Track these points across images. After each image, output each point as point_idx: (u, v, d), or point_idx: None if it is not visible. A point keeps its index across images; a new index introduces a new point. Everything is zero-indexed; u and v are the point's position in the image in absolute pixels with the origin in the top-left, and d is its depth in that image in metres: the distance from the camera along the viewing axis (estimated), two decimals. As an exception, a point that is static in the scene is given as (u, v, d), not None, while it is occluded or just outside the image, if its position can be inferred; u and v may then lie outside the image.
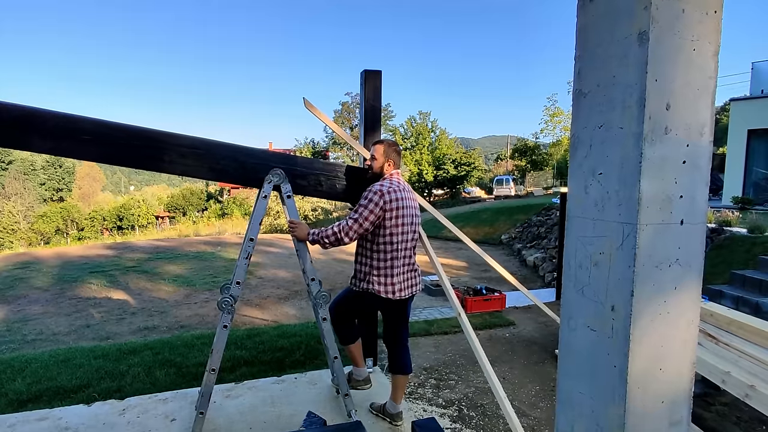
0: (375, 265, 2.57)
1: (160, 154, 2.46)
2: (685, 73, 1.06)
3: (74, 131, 2.30)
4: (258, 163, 2.63)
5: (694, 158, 1.10)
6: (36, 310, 7.16)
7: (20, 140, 2.24)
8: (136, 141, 2.41)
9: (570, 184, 1.29)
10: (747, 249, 6.61)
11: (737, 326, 3.15)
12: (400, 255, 2.59)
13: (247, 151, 2.64)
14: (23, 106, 2.22)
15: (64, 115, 2.29)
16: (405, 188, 2.65)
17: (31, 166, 42.88)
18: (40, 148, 2.30)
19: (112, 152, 2.39)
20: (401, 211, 2.54)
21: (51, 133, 2.26)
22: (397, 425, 2.73)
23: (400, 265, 2.60)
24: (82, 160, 2.56)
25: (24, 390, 3.38)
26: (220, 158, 2.58)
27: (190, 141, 2.52)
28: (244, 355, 4.07)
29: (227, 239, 15.32)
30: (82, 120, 2.33)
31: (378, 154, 2.66)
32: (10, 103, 2.21)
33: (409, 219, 2.60)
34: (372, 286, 2.57)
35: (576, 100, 1.25)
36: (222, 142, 2.61)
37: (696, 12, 1.05)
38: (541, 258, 10.39)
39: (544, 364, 4.18)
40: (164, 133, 2.49)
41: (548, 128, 28.99)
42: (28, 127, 2.23)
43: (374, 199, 2.47)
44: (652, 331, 1.10)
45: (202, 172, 2.60)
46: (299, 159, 2.83)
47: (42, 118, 2.24)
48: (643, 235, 1.07)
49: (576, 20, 1.24)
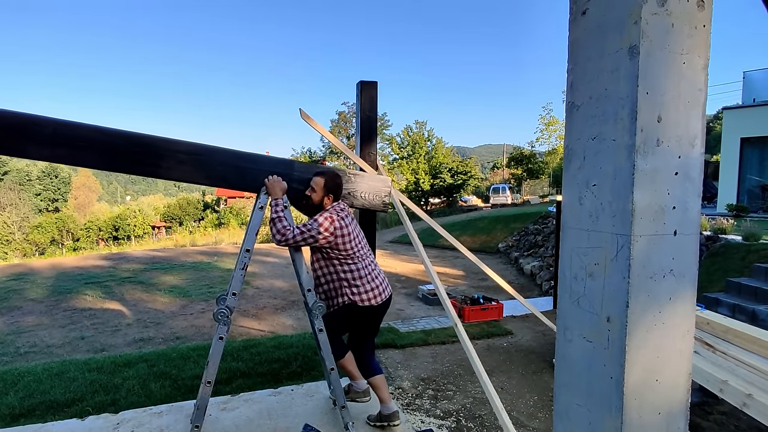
0: (343, 278, 2.62)
1: (158, 161, 2.45)
2: (676, 86, 1.08)
3: (72, 138, 2.28)
4: (256, 168, 2.63)
5: (686, 169, 1.11)
6: (30, 322, 7.08)
7: (17, 148, 2.23)
8: (135, 147, 2.41)
9: (564, 194, 1.30)
10: (742, 256, 6.64)
11: (734, 334, 3.16)
12: (365, 263, 2.68)
13: (246, 157, 2.64)
14: (20, 113, 2.21)
15: (62, 122, 2.28)
16: (348, 214, 2.73)
17: (26, 177, 42.73)
18: (38, 155, 2.28)
19: (110, 159, 2.38)
20: (347, 230, 2.62)
21: (49, 140, 2.24)
22: (396, 425, 2.73)
23: (368, 272, 2.68)
24: (80, 167, 2.56)
25: (17, 404, 3.33)
26: (218, 164, 2.58)
27: (188, 147, 2.52)
28: (240, 367, 4.04)
29: (224, 249, 15.27)
30: (80, 127, 2.31)
31: (318, 187, 2.67)
32: (5, 110, 2.19)
33: (356, 233, 2.70)
34: (346, 298, 2.62)
35: (569, 112, 1.26)
36: (221, 147, 2.61)
37: (685, 26, 1.07)
38: (538, 266, 10.39)
39: (542, 373, 4.16)
40: (162, 139, 2.48)
41: (544, 137, 29.21)
42: (26, 135, 2.20)
43: (319, 230, 2.53)
44: (647, 341, 1.10)
45: (201, 178, 2.60)
46: (296, 164, 2.82)
47: (40, 125, 2.23)
48: (637, 246, 1.08)
49: (568, 33, 1.26)
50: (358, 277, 2.63)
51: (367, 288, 2.63)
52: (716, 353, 3.04)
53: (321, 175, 2.69)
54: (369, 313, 2.67)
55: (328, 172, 2.73)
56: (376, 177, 3.11)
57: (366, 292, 2.63)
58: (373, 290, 2.66)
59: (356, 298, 2.61)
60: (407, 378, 3.98)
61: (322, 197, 2.67)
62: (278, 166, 2.70)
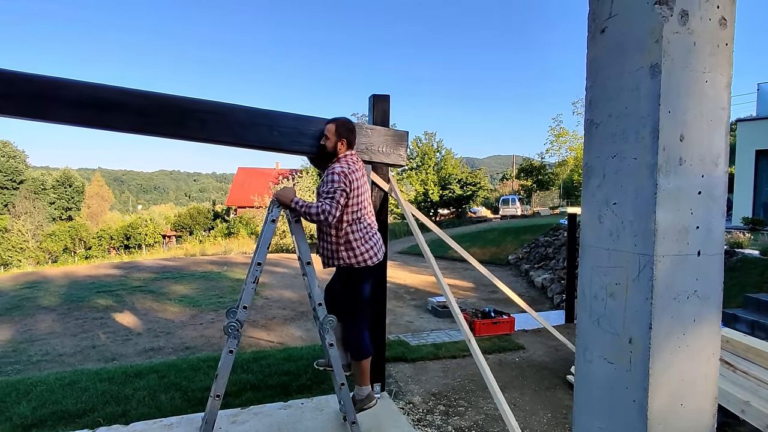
0: (343, 241, 2.64)
1: (182, 121, 2.48)
2: (699, 105, 1.06)
3: (97, 100, 2.29)
4: (273, 125, 2.69)
5: (710, 189, 1.10)
6: (42, 330, 7.15)
7: (43, 111, 2.24)
8: (159, 107, 2.43)
9: (583, 212, 1.28)
10: (760, 272, 6.50)
11: (755, 354, 3.07)
12: (366, 223, 2.71)
13: (264, 114, 2.69)
14: (45, 77, 2.22)
15: (87, 84, 2.30)
16: (360, 168, 2.74)
17: (41, 186, 43.52)
18: (62, 117, 2.29)
19: (135, 120, 2.39)
20: (359, 190, 2.65)
21: (75, 103, 2.25)
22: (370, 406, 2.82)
23: (371, 236, 2.72)
24: (106, 129, 2.44)
25: (29, 414, 3.34)
26: (236, 123, 2.61)
27: (209, 106, 2.55)
28: (250, 379, 4.02)
29: (233, 258, 15.35)
30: (105, 89, 2.33)
31: (330, 133, 2.69)
32: (31, 74, 2.20)
33: (365, 195, 2.74)
34: (343, 261, 2.65)
35: (588, 130, 1.25)
36: (240, 105, 2.65)
37: (707, 45, 1.06)
38: (549, 279, 10.27)
39: (556, 390, 4.08)
40: (185, 99, 2.51)
41: (554, 148, 29.06)
42: (51, 98, 2.22)
43: (342, 181, 2.53)
44: (672, 364, 1.08)
45: (222, 136, 2.60)
46: (315, 120, 2.84)
47: (65, 88, 2.25)
48: (660, 266, 1.06)
49: (586, 51, 1.25)
50: (356, 243, 2.65)
51: (363, 250, 2.66)
52: (737, 372, 2.96)
53: (332, 121, 2.72)
54: (361, 273, 2.70)
55: (339, 119, 2.75)
56: (391, 131, 3.12)
57: (362, 253, 2.66)
58: (369, 251, 2.69)
59: (353, 261, 2.64)
60: (418, 393, 3.93)
61: (335, 143, 2.68)
62: (296, 121, 2.75)
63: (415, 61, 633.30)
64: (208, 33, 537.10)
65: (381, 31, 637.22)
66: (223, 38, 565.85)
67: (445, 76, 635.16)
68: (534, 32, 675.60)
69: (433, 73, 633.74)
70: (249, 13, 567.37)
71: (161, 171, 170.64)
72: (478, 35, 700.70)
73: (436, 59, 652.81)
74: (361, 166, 2.77)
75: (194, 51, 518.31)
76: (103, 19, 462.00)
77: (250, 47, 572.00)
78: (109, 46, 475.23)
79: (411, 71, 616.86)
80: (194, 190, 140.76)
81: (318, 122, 2.83)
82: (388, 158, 3.09)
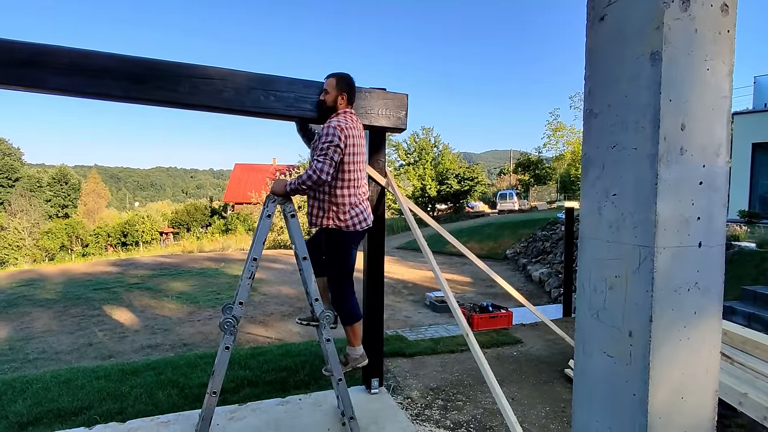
0: (333, 201, 2.59)
1: (175, 87, 2.43)
2: (700, 94, 1.04)
3: (89, 66, 2.25)
4: (270, 90, 2.63)
5: (711, 179, 1.08)
6: (39, 328, 7.12)
7: (33, 79, 2.20)
8: (150, 73, 2.38)
9: (583, 204, 1.26)
10: (756, 264, 6.52)
11: (752, 346, 3.08)
12: (357, 187, 2.66)
13: (260, 79, 2.65)
14: (35, 44, 2.19)
15: (79, 50, 2.26)
16: (359, 127, 2.70)
17: (37, 183, 43.28)
18: (54, 85, 2.25)
19: (127, 86, 2.34)
20: (355, 149, 2.61)
21: (66, 69, 2.21)
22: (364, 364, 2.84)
23: (362, 200, 2.68)
24: (98, 98, 2.42)
25: (25, 412, 3.32)
26: (230, 88, 2.55)
27: (203, 72, 2.50)
28: (247, 375, 4.01)
29: (231, 255, 15.32)
30: (97, 55, 2.29)
31: (330, 87, 2.66)
32: (21, 42, 2.16)
33: (361, 157, 2.69)
34: (331, 222, 2.60)
35: (587, 120, 1.23)
36: (236, 70, 2.60)
37: (709, 32, 1.04)
38: (546, 273, 10.29)
39: (554, 383, 4.08)
40: (179, 64, 2.47)
41: (551, 143, 29.06)
42: (42, 65, 2.18)
43: (338, 135, 2.48)
44: (672, 358, 1.06)
45: (215, 102, 2.55)
46: (313, 85, 2.80)
47: (56, 55, 2.21)
48: (661, 258, 1.04)
49: (585, 40, 1.23)
50: (345, 207, 2.60)
51: (352, 213, 2.61)
52: (734, 365, 2.96)
53: (332, 75, 2.69)
54: (347, 238, 2.66)
55: (339, 72, 2.72)
56: (390, 94, 3.07)
57: (352, 217, 2.61)
58: (358, 215, 2.64)
59: (340, 224, 2.60)
60: (416, 387, 3.93)
61: (335, 97, 2.65)
62: (292, 85, 2.71)
63: (412, 55, 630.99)
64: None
65: (375, 24, 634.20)
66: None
67: (443, 70, 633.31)
68: (533, 25, 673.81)
69: (430, 68, 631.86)
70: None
71: (158, 168, 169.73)
72: (477, 29, 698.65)
73: (434, 54, 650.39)
74: (360, 126, 2.73)
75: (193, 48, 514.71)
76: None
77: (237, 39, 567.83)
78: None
79: (407, 65, 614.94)
80: (191, 187, 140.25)
81: (315, 86, 2.78)
82: (388, 121, 3.01)
